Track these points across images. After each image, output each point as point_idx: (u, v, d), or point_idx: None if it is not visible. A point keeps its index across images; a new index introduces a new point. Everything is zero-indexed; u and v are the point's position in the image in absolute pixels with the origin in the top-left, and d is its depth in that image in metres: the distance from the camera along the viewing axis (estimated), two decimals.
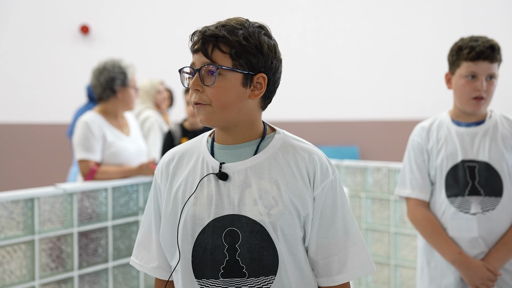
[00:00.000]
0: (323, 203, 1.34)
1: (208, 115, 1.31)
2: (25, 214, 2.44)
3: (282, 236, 1.30)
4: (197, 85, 1.30)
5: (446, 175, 2.10)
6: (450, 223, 2.08)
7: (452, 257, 2.04)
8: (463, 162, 2.08)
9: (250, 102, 1.34)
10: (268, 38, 1.35)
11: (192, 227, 1.32)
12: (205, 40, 1.30)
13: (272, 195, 1.30)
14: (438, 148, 2.12)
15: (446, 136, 2.12)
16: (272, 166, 1.32)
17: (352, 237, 1.36)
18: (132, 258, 1.47)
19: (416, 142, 2.17)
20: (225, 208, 1.31)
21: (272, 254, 1.30)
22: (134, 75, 3.10)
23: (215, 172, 1.33)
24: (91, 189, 2.71)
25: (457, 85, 2.10)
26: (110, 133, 3.04)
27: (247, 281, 1.30)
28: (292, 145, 1.36)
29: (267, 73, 1.34)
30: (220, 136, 1.37)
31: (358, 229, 1.39)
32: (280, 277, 1.31)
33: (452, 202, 2.08)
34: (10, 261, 2.38)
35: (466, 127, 2.12)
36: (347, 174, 3.54)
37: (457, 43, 2.11)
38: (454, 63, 2.11)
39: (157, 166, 1.44)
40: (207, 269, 1.31)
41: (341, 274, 1.35)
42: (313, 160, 1.33)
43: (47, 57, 6.03)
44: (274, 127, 1.40)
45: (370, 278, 3.44)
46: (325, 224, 1.34)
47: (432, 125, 2.18)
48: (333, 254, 1.35)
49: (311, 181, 1.33)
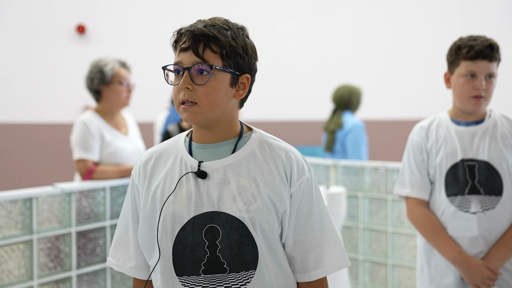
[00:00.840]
0: (299, 200, 1.37)
1: (195, 114, 1.33)
2: (24, 214, 2.44)
3: (261, 232, 1.33)
4: (188, 84, 1.32)
5: (445, 174, 2.10)
6: (450, 222, 2.08)
7: (452, 256, 2.05)
8: (462, 161, 2.08)
9: (232, 102, 1.37)
10: (249, 39, 1.38)
11: (171, 225, 1.34)
12: (195, 39, 1.32)
13: (250, 191, 1.33)
14: (437, 147, 2.13)
15: (445, 135, 2.13)
16: (250, 163, 1.35)
17: (327, 233, 1.40)
18: (109, 259, 1.47)
19: (415, 141, 2.18)
20: (205, 205, 1.33)
21: (252, 249, 1.32)
22: (119, 70, 3.03)
23: (194, 171, 1.35)
24: (89, 189, 2.70)
25: (456, 84, 2.10)
26: (108, 132, 3.03)
27: (228, 276, 1.32)
28: (269, 143, 1.39)
29: (250, 74, 1.38)
30: (198, 135, 1.39)
31: (333, 225, 1.42)
32: (261, 271, 1.33)
33: (452, 201, 2.08)
34: (8, 260, 2.38)
35: (465, 126, 2.13)
36: (345, 174, 3.55)
37: (456, 43, 2.12)
38: (453, 62, 2.12)
39: (134, 166, 1.46)
40: (188, 266, 1.33)
41: (317, 270, 1.38)
42: (290, 158, 1.37)
43: (44, 57, 6.02)
44: (250, 126, 1.43)
45: (368, 278, 3.45)
46: (301, 220, 1.37)
47: (431, 124, 2.18)
48: (309, 250, 1.38)
49: (288, 178, 1.36)
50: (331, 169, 3.61)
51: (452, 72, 2.12)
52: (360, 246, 3.47)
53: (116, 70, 3.02)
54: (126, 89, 3.06)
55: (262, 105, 6.18)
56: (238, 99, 1.39)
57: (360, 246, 3.47)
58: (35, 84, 6.00)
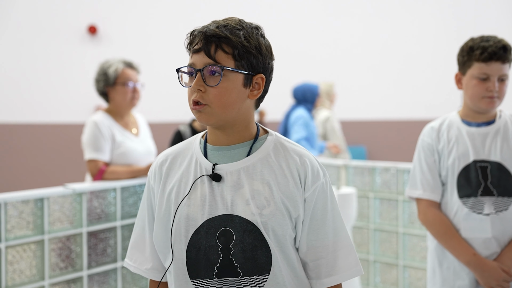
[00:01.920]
0: (313, 205, 1.35)
1: (207, 115, 1.32)
2: (35, 214, 2.45)
3: (273, 236, 1.32)
4: (200, 85, 1.31)
5: (458, 175, 2.08)
6: (463, 224, 2.06)
7: (467, 259, 2.03)
8: (475, 162, 2.06)
9: (247, 102, 1.36)
10: (263, 39, 1.37)
11: (185, 228, 1.33)
12: (207, 40, 1.31)
13: (264, 195, 1.32)
14: (449, 148, 2.11)
15: (457, 136, 2.10)
16: (264, 167, 1.34)
17: (341, 239, 1.38)
18: (126, 260, 1.47)
19: (426, 142, 2.16)
20: (219, 208, 1.32)
21: (265, 253, 1.31)
22: (123, 71, 3.02)
23: (208, 174, 1.34)
24: (100, 189, 2.71)
25: (468, 85, 2.08)
26: (119, 133, 3.04)
27: (241, 280, 1.31)
28: (284, 147, 1.37)
29: (265, 74, 1.36)
30: (213, 137, 1.38)
31: (347, 231, 1.40)
32: (274, 275, 1.32)
33: (464, 202, 2.06)
34: (20, 260, 2.39)
35: (476, 127, 2.11)
36: (356, 174, 3.53)
37: (467, 44, 2.09)
38: (464, 63, 2.09)
39: (150, 168, 1.45)
40: (201, 269, 1.32)
41: (330, 277, 1.37)
42: (304, 163, 1.35)
43: (55, 58, 6.05)
44: (266, 129, 1.42)
45: (379, 279, 3.44)
46: (315, 226, 1.36)
47: (442, 125, 2.16)
48: (322, 256, 1.36)
49: (302, 183, 1.34)
50: (342, 170, 3.60)
51: (464, 73, 2.10)
52: (370, 247, 3.46)
53: (119, 71, 3.02)
54: (132, 90, 3.05)
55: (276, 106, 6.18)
56: (254, 100, 1.37)
57: (370, 246, 3.46)
58: (46, 85, 6.04)
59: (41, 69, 6.03)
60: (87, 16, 6.12)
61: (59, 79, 6.06)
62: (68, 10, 6.10)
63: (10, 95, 5.96)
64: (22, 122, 6.01)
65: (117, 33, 6.19)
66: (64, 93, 6.06)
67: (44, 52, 6.02)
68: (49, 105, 6.04)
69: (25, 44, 5.97)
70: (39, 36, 5.99)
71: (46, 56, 6.03)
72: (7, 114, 5.96)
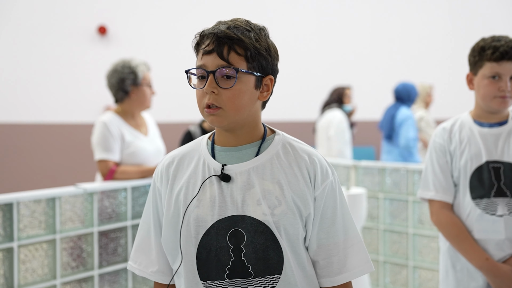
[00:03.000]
0: (323, 203, 1.35)
1: (220, 118, 1.31)
2: (47, 214, 2.47)
3: (285, 235, 1.31)
4: (213, 88, 1.30)
5: (470, 176, 2.06)
6: (476, 226, 2.05)
7: (479, 263, 2.01)
8: (487, 163, 2.05)
9: (257, 104, 1.36)
10: (270, 40, 1.37)
11: (195, 229, 1.32)
12: (219, 41, 1.29)
13: (275, 195, 1.31)
14: (461, 149, 2.09)
15: (469, 137, 2.09)
16: (274, 166, 1.34)
17: (351, 237, 1.38)
18: (130, 263, 1.46)
19: (438, 143, 2.14)
20: (229, 209, 1.31)
21: (277, 253, 1.31)
22: (146, 73, 3.07)
23: (217, 174, 1.33)
24: (111, 189, 2.73)
25: (480, 85, 2.07)
26: (128, 133, 3.05)
27: (253, 281, 1.31)
28: (292, 146, 1.37)
29: (273, 75, 1.37)
30: (222, 138, 1.38)
31: (357, 229, 1.41)
32: (286, 275, 1.32)
33: (477, 204, 2.05)
34: (32, 259, 2.41)
35: (489, 127, 2.09)
36: (365, 175, 3.53)
37: (478, 43, 2.08)
38: (476, 63, 2.08)
39: (156, 170, 1.44)
40: (213, 270, 1.31)
41: (341, 274, 1.37)
42: (313, 161, 1.35)
43: (65, 58, 6.09)
44: (273, 129, 1.42)
45: (388, 280, 3.43)
46: (325, 224, 1.36)
47: (453, 126, 2.14)
48: (333, 254, 1.36)
49: (312, 182, 1.34)
50: (352, 170, 3.60)
51: (476, 73, 2.09)
52: (380, 248, 3.45)
53: (145, 73, 3.07)
54: (151, 92, 3.10)
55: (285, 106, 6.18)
56: (261, 101, 1.37)
57: (380, 247, 3.45)
58: (56, 85, 6.08)
59: (51, 69, 6.06)
60: (97, 17, 6.15)
61: (69, 79, 6.09)
62: (78, 10, 6.13)
63: (20, 95, 6.00)
64: (33, 122, 6.04)
65: (127, 33, 6.21)
66: (74, 93, 6.09)
67: (55, 52, 6.05)
68: (59, 105, 6.07)
69: (36, 44, 6.00)
70: (49, 36, 6.03)
71: (57, 56, 6.06)
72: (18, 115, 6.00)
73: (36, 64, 6.04)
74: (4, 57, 5.94)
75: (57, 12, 6.07)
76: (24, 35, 5.98)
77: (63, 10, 6.09)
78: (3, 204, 2.33)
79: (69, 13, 6.11)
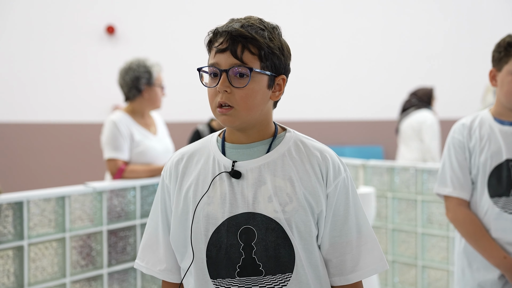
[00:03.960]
0: (336, 201, 1.34)
1: (233, 117, 1.30)
2: (57, 212, 2.48)
3: (297, 233, 1.30)
4: (226, 87, 1.28)
5: (489, 174, 2.03)
6: (494, 224, 2.02)
7: (497, 261, 1.99)
8: (507, 161, 2.01)
9: (269, 103, 1.35)
10: (283, 39, 1.35)
11: (205, 227, 1.30)
12: (233, 40, 1.28)
13: (286, 192, 1.30)
14: (481, 146, 2.06)
15: (489, 134, 2.05)
16: (285, 163, 1.32)
17: (364, 235, 1.36)
18: (137, 261, 1.44)
19: (457, 139, 2.10)
20: (239, 206, 1.30)
21: (288, 251, 1.29)
22: (159, 74, 3.10)
23: (228, 171, 1.32)
24: (120, 188, 2.74)
25: (504, 81, 2.03)
26: (137, 132, 3.07)
27: (264, 279, 1.29)
28: (304, 143, 1.36)
29: (286, 74, 1.35)
30: (233, 136, 1.36)
31: (370, 226, 1.39)
32: (297, 274, 1.30)
33: (495, 202, 2.02)
34: (42, 258, 2.42)
35: (510, 125, 2.06)
36: (374, 174, 3.52)
37: (505, 39, 2.04)
38: (501, 59, 2.04)
39: (165, 167, 1.42)
40: (223, 268, 1.30)
41: (355, 273, 1.35)
42: (325, 158, 1.34)
43: (74, 57, 6.11)
44: (284, 127, 1.40)
45: (397, 279, 3.42)
46: (338, 222, 1.34)
47: (473, 122, 2.10)
48: (346, 252, 1.34)
49: (324, 178, 1.32)
50: (360, 169, 3.59)
51: (500, 69, 2.04)
52: (389, 247, 3.44)
53: (159, 74, 3.10)
54: (162, 92, 3.13)
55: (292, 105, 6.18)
56: (274, 101, 1.36)
57: (389, 246, 3.44)
58: (65, 85, 6.10)
59: (60, 69, 6.09)
60: (105, 16, 6.17)
61: (78, 79, 6.12)
62: (86, 10, 6.16)
63: (29, 95, 6.03)
64: (43, 122, 6.07)
65: (135, 33, 6.23)
66: (83, 93, 6.11)
67: (64, 52, 6.07)
68: (69, 105, 6.10)
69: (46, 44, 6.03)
70: (58, 36, 6.05)
71: (66, 56, 6.08)
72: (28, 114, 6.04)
73: (46, 64, 6.07)
74: (15, 57, 5.98)
75: (66, 12, 6.10)
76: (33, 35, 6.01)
77: (72, 10, 6.12)
78: (14, 203, 2.34)
79: (78, 13, 6.13)
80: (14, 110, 5.99)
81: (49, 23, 6.05)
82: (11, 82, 5.97)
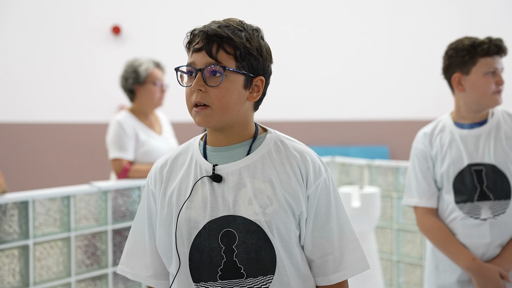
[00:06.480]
0: (317, 202, 1.34)
1: (208, 117, 1.30)
2: (62, 212, 2.49)
3: (278, 235, 1.30)
4: (201, 85, 1.29)
5: (453, 181, 2.06)
6: (461, 230, 2.05)
7: (466, 263, 2.01)
8: (469, 166, 2.04)
9: (246, 104, 1.34)
10: (264, 41, 1.36)
11: (188, 231, 1.31)
12: (209, 39, 1.30)
13: (266, 194, 1.30)
14: (442, 154, 2.09)
15: (450, 141, 2.09)
16: (265, 165, 1.32)
17: (346, 235, 1.36)
18: (121, 267, 1.43)
19: (419, 149, 2.14)
20: (220, 209, 1.30)
21: (269, 253, 1.29)
22: (154, 70, 3.06)
23: (208, 175, 1.33)
24: (125, 187, 2.75)
25: (476, 83, 2.05)
26: (142, 132, 3.07)
27: (246, 282, 1.29)
28: (284, 144, 1.36)
29: (265, 76, 1.35)
30: (212, 138, 1.37)
31: (352, 227, 1.38)
32: (279, 275, 1.30)
33: (461, 208, 2.05)
34: (47, 257, 2.43)
35: (469, 129, 2.09)
36: (378, 174, 3.52)
37: (463, 42, 2.08)
38: (466, 62, 2.06)
39: (149, 172, 1.43)
40: (205, 272, 1.30)
41: (337, 273, 1.35)
42: (305, 159, 1.34)
43: (80, 57, 6.14)
44: (265, 127, 1.40)
45: (402, 279, 3.42)
46: (320, 223, 1.34)
47: (434, 130, 2.14)
48: (329, 253, 1.35)
49: (304, 180, 1.32)
50: (365, 169, 3.59)
51: (467, 73, 2.06)
52: (394, 247, 3.44)
53: (150, 71, 3.06)
54: (160, 90, 3.10)
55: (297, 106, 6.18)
56: (252, 102, 1.36)
57: (394, 247, 3.44)
58: (71, 85, 6.13)
59: (66, 69, 6.11)
60: (111, 17, 6.19)
61: (84, 79, 6.14)
62: (92, 10, 6.18)
63: (35, 95, 6.06)
64: (48, 122, 6.10)
65: (141, 33, 6.24)
66: (89, 93, 6.13)
67: (70, 52, 6.10)
68: (74, 104, 6.12)
69: (52, 45, 6.06)
70: (62, 36, 6.08)
71: (72, 56, 6.10)
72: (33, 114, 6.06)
73: (52, 64, 6.10)
74: (22, 58, 6.01)
75: (71, 11, 6.13)
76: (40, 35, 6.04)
77: (77, 10, 6.15)
78: (19, 202, 2.36)
79: (83, 13, 6.16)
80: (19, 110, 6.02)
81: (55, 24, 6.08)
82: (16, 83, 6.00)
